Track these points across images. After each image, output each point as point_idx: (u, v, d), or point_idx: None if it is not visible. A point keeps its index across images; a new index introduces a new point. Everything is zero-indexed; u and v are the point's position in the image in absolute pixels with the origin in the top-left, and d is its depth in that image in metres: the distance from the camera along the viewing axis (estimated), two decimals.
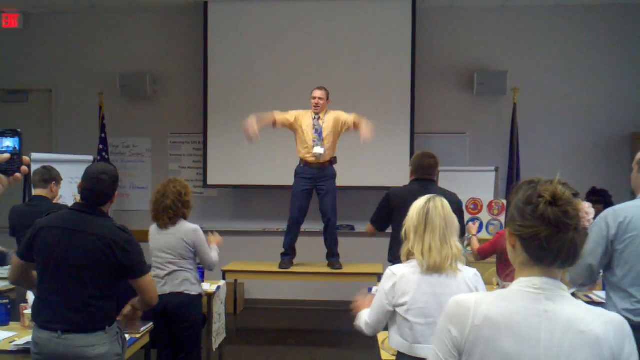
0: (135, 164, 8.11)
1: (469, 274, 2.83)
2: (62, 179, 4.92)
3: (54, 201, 4.78)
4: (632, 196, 3.27)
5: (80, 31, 8.09)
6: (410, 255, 2.84)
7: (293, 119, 6.12)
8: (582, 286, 3.30)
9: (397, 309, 2.78)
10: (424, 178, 4.46)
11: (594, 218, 3.23)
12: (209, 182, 7.74)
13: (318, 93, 6.08)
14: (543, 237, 1.49)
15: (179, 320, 4.28)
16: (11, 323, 3.92)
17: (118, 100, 7.98)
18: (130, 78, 7.85)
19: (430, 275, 2.76)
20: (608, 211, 3.17)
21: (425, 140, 7.63)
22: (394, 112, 7.48)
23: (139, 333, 3.86)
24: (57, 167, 4.95)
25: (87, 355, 2.97)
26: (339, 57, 7.57)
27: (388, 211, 4.48)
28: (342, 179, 6.98)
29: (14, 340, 3.51)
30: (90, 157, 6.89)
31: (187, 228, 4.31)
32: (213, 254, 4.48)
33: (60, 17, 8.07)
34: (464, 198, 7.05)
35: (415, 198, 4.31)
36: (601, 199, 6.32)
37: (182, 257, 4.28)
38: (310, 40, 7.61)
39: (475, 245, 4.92)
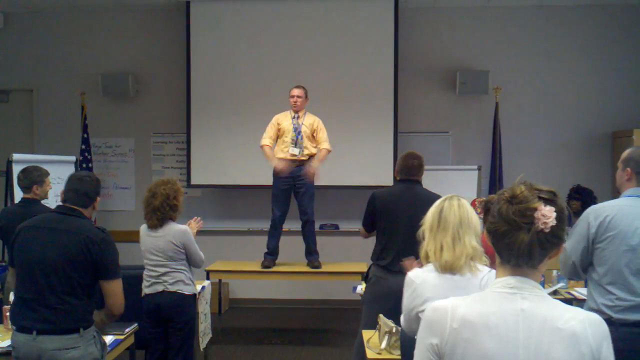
0: (118, 164, 8.06)
1: (487, 276, 2.70)
2: (46, 177, 4.83)
3: (43, 201, 4.75)
4: (616, 194, 3.31)
5: (62, 31, 8.03)
6: (427, 258, 2.77)
7: (275, 129, 6.19)
8: (569, 279, 3.31)
9: (420, 315, 2.65)
10: (408, 179, 4.38)
11: (578, 214, 3.30)
12: (193, 182, 7.71)
13: (296, 92, 6.18)
14: (500, 233, 1.56)
15: (172, 319, 4.28)
16: None
17: (100, 100, 7.92)
18: (113, 78, 7.80)
19: (448, 275, 2.69)
20: (590, 210, 3.20)
21: (408, 140, 7.66)
22: (377, 112, 7.50)
23: (124, 334, 3.85)
24: None
25: (59, 359, 2.98)
26: (321, 56, 7.57)
27: (373, 213, 4.41)
28: (326, 178, 6.99)
29: None
30: (73, 158, 6.84)
31: (176, 230, 4.31)
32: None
33: (42, 17, 8.00)
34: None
35: (398, 199, 4.35)
36: (579, 197, 6.42)
37: (172, 259, 4.28)
38: (293, 40, 7.61)
39: None
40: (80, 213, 3.15)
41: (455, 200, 2.80)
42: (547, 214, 1.52)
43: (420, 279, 2.73)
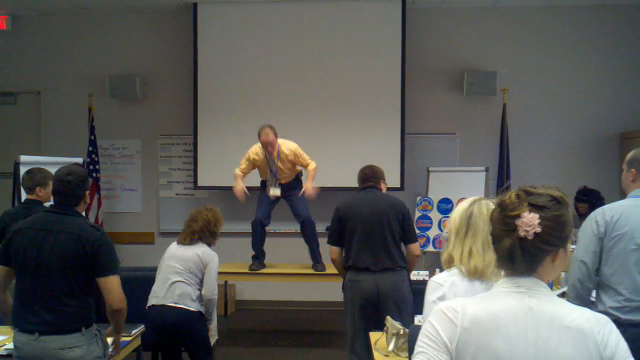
0: (125, 165, 8.07)
1: None
2: (50, 180, 4.83)
3: (47, 203, 4.74)
4: (623, 195, 3.31)
5: (69, 33, 8.05)
6: (450, 262, 2.60)
7: (250, 164, 6.23)
8: (586, 289, 3.20)
9: None
10: (367, 186, 4.64)
11: (584, 216, 3.28)
12: (200, 184, 7.72)
13: (264, 138, 5.93)
14: (494, 237, 1.62)
15: (184, 337, 4.24)
16: (1, 327, 3.90)
17: (107, 102, 7.94)
18: (120, 80, 7.81)
19: (477, 282, 2.52)
20: (598, 210, 3.21)
21: (415, 141, 7.65)
22: (384, 113, 7.49)
23: (130, 336, 3.85)
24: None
25: (62, 358, 3.00)
26: (329, 58, 7.56)
27: (339, 224, 4.56)
28: (333, 180, 7.01)
29: (4, 344, 3.50)
30: (80, 159, 6.84)
31: (207, 249, 4.34)
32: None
33: (49, 19, 8.03)
34: (454, 198, 7.10)
35: (360, 204, 4.52)
36: (586, 199, 6.37)
37: (190, 270, 4.24)
38: (300, 41, 7.61)
39: None
40: (73, 211, 3.16)
41: (484, 204, 2.63)
42: (528, 222, 1.53)
43: (448, 283, 2.55)
